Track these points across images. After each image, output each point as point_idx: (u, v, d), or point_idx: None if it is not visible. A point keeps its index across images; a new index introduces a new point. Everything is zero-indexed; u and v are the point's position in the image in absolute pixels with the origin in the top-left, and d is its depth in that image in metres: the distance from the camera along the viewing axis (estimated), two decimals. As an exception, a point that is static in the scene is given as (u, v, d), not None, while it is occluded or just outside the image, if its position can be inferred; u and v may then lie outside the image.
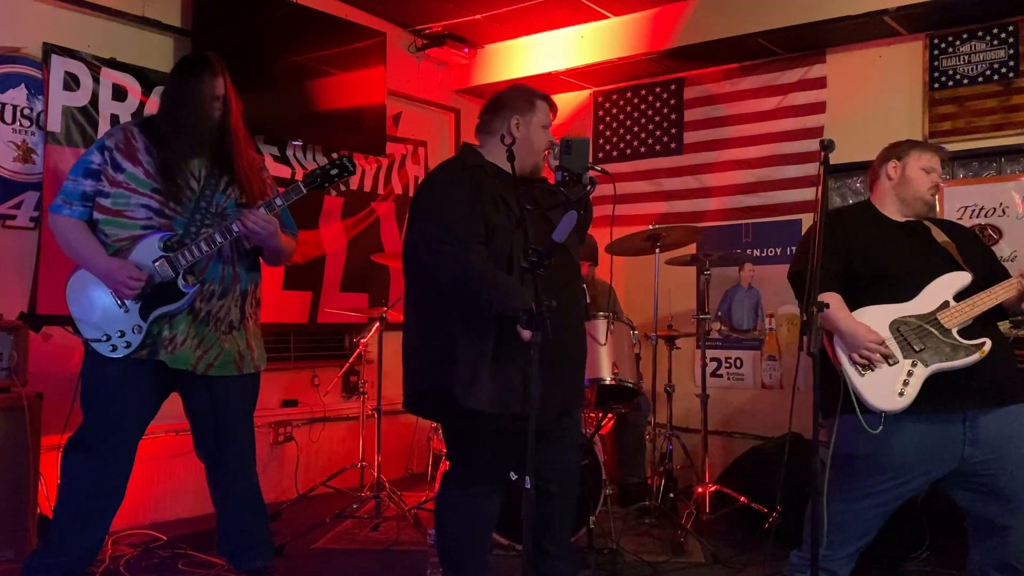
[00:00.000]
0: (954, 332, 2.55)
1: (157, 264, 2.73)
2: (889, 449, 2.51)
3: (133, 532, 3.80)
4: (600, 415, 3.82)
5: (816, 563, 2.28)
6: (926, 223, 2.78)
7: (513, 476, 2.70)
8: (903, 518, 3.56)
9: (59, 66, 3.87)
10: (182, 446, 3.86)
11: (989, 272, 2.67)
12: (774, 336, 5.04)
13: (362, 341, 4.51)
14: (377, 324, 4.35)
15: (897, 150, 2.82)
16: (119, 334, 2.74)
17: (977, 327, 2.57)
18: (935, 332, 2.55)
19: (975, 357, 2.51)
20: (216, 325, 2.83)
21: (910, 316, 2.58)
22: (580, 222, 2.81)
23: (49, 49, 3.84)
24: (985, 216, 4.34)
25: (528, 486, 2.21)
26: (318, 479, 4.62)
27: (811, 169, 4.88)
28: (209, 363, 2.81)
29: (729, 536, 4.02)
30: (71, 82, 3.91)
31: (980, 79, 4.44)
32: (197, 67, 2.85)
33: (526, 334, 2.35)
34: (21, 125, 3.78)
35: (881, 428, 2.47)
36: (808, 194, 4.88)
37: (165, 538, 3.70)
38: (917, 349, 2.53)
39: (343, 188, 5.13)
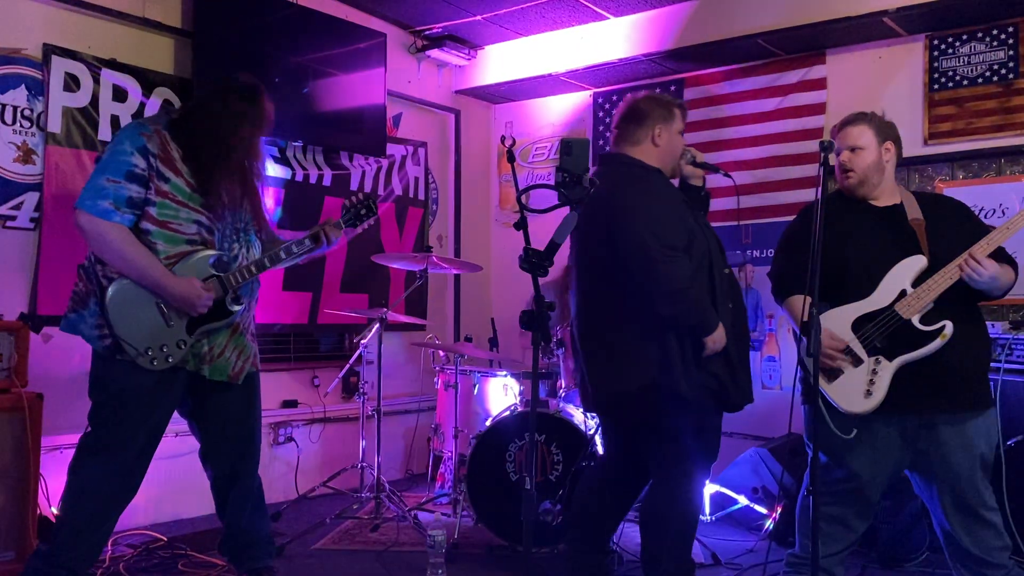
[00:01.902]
0: (915, 321, 2.46)
1: (210, 283, 2.76)
2: (853, 452, 2.50)
3: (133, 533, 3.81)
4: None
5: (817, 562, 2.28)
6: (903, 202, 2.65)
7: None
8: (904, 518, 3.57)
9: (59, 67, 3.87)
10: (183, 447, 3.86)
11: (964, 249, 2.49)
12: (774, 337, 5.04)
13: (362, 342, 4.51)
14: (377, 325, 4.34)
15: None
16: (161, 348, 2.72)
17: (946, 312, 2.45)
18: (896, 324, 2.47)
19: (937, 343, 2.43)
20: (246, 332, 2.96)
21: (870, 312, 2.51)
22: (704, 212, 2.99)
23: (49, 50, 3.85)
24: (985, 217, 4.33)
25: (529, 487, 2.21)
26: (318, 480, 4.62)
27: (811, 170, 4.88)
28: (243, 369, 2.92)
29: (729, 537, 4.03)
30: (71, 83, 3.91)
31: (980, 80, 4.43)
32: (256, 94, 2.85)
33: (711, 346, 2.60)
34: (21, 126, 3.78)
35: (855, 432, 2.42)
36: (808, 195, 4.87)
37: (165, 539, 3.70)
38: (880, 345, 2.47)
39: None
